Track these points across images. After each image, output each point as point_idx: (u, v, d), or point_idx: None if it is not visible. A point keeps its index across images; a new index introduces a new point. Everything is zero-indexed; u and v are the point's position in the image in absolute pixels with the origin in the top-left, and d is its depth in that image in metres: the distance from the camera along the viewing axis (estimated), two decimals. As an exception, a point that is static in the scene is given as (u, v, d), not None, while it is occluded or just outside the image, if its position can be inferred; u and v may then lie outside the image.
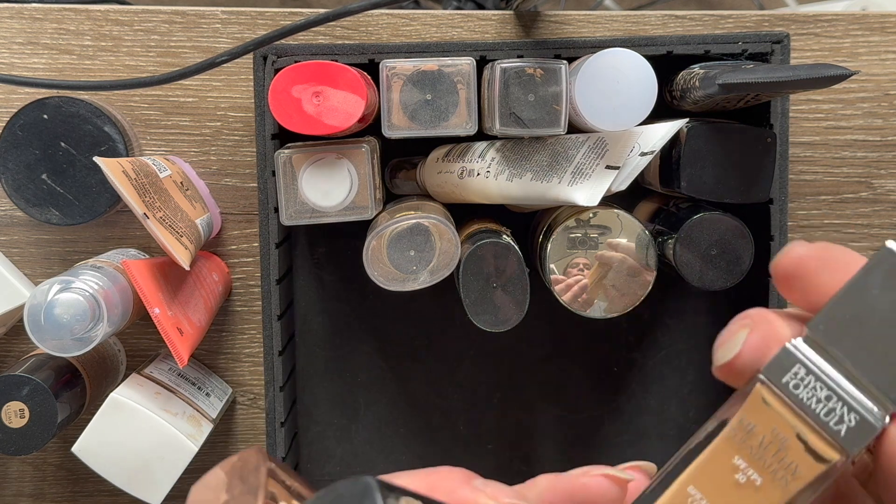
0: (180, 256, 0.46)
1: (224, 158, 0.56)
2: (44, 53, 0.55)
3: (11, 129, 0.50)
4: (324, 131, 0.44)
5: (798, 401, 0.23)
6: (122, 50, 0.55)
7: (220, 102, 0.55)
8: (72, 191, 0.51)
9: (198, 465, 0.54)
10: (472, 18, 0.55)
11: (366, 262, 0.45)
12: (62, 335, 0.45)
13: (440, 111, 0.46)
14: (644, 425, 0.59)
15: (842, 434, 0.23)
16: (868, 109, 0.57)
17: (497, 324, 0.47)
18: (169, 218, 0.47)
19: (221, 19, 0.55)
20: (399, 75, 0.45)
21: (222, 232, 0.57)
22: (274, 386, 0.51)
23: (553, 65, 0.45)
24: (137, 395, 0.49)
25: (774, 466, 0.23)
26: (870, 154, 0.57)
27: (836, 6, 0.66)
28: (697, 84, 0.47)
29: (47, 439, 0.48)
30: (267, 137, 0.49)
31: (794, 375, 0.23)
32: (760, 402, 0.23)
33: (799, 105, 0.56)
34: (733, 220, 0.48)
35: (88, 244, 0.56)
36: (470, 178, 0.48)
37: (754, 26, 0.55)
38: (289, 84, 0.44)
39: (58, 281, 0.46)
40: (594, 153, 0.46)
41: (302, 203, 0.47)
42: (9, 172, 0.51)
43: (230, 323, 0.57)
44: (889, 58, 0.57)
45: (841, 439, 0.23)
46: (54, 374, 0.49)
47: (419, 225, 0.45)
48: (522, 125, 0.45)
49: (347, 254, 0.56)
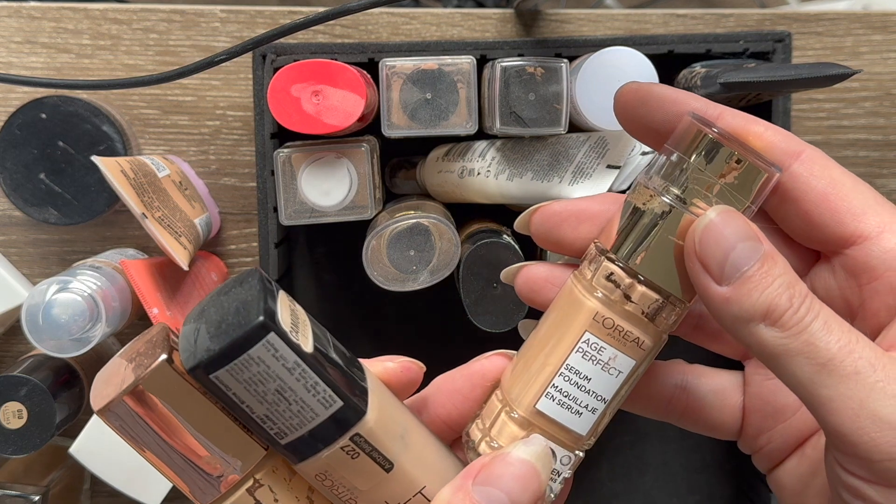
0: (179, 256, 0.46)
1: (223, 158, 0.56)
2: (42, 52, 0.54)
3: (9, 128, 0.50)
4: (323, 130, 0.44)
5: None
6: (121, 49, 0.54)
7: (218, 101, 0.55)
8: (70, 190, 0.51)
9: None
10: (473, 17, 0.55)
11: (365, 262, 0.45)
12: (60, 335, 0.45)
13: (440, 110, 0.45)
14: (644, 425, 0.59)
15: None
16: (870, 108, 0.57)
17: (497, 324, 0.47)
18: (167, 218, 0.47)
19: (220, 18, 0.54)
20: (399, 74, 0.45)
21: (221, 232, 0.56)
22: (273, 386, 0.51)
23: (554, 64, 0.44)
24: (136, 396, 0.49)
25: None
26: (872, 153, 0.57)
27: (838, 5, 0.66)
28: (699, 83, 0.46)
29: (46, 440, 0.47)
30: (266, 137, 0.49)
31: None
32: None
33: (801, 104, 0.56)
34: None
35: (87, 244, 0.56)
36: (470, 178, 0.48)
37: (756, 25, 0.55)
38: (288, 83, 0.44)
39: (56, 281, 0.45)
40: (595, 152, 0.46)
41: (301, 203, 0.46)
42: (7, 172, 0.50)
43: (229, 323, 0.57)
44: (891, 56, 0.56)
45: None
46: (52, 374, 0.49)
47: (419, 225, 0.45)
48: (523, 124, 0.45)
49: (347, 254, 0.55)
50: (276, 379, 0.24)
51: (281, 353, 0.24)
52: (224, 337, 0.24)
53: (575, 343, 0.27)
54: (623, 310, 0.26)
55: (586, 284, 0.27)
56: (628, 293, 0.26)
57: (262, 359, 0.24)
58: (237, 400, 0.24)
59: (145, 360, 0.25)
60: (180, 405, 0.25)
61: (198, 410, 0.25)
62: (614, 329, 0.26)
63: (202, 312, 0.25)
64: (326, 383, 0.25)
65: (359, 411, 0.26)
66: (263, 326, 0.23)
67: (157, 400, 0.25)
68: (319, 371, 0.25)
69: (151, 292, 0.46)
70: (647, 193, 0.26)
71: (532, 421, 0.27)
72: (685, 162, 0.26)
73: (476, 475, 0.26)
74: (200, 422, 0.25)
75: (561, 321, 0.27)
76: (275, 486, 0.26)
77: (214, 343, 0.24)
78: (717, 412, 0.31)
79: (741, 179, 0.25)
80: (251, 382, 0.24)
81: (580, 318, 0.27)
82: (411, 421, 0.28)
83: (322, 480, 0.26)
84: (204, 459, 0.26)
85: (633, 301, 0.26)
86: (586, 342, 0.27)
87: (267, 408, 0.24)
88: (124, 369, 0.26)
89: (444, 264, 0.45)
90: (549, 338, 0.28)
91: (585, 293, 0.27)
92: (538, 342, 0.28)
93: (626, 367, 0.27)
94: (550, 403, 0.27)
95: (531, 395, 0.27)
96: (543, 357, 0.27)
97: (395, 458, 0.26)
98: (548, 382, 0.27)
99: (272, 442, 0.25)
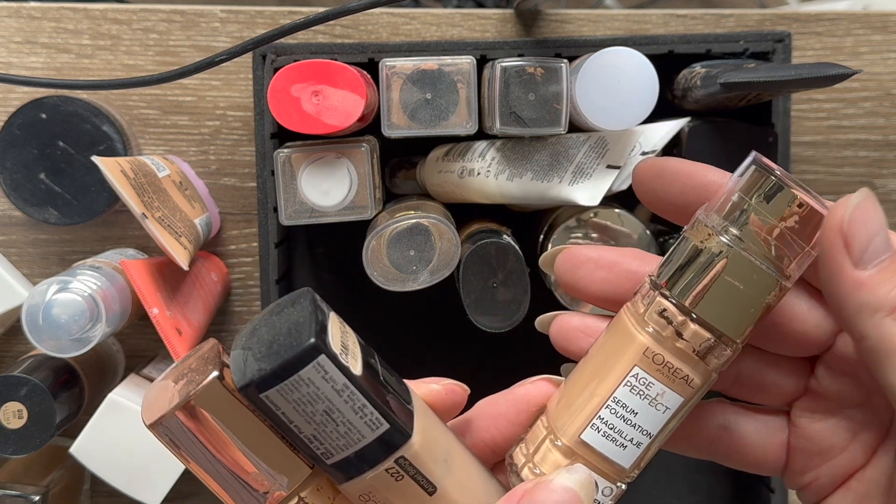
0: (179, 256, 0.46)
1: (223, 158, 0.56)
2: (42, 52, 0.54)
3: (9, 128, 0.50)
4: (323, 130, 0.44)
5: None
6: (121, 49, 0.54)
7: (218, 101, 0.55)
8: (70, 190, 0.51)
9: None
10: (473, 17, 0.55)
11: (365, 262, 0.45)
12: (60, 335, 0.45)
13: (440, 110, 0.45)
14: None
15: None
16: (870, 109, 0.57)
17: (497, 324, 0.47)
18: (168, 218, 0.47)
19: (220, 18, 0.54)
20: (399, 74, 0.45)
21: (221, 232, 0.56)
22: (273, 386, 0.51)
23: (554, 64, 0.44)
24: (136, 396, 0.49)
25: None
26: (872, 153, 0.57)
27: (838, 5, 0.66)
28: (699, 83, 0.46)
29: (46, 440, 0.47)
30: (266, 137, 0.49)
31: None
32: None
33: (801, 104, 0.56)
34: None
35: (87, 244, 0.56)
36: (470, 178, 0.48)
37: (756, 25, 0.55)
38: (288, 83, 0.44)
39: (56, 281, 0.45)
40: (595, 152, 0.46)
41: (301, 203, 0.46)
42: (7, 172, 0.50)
43: (229, 323, 0.57)
44: (891, 57, 0.56)
45: None
46: (52, 374, 0.49)
47: (419, 225, 0.45)
48: (523, 124, 0.45)
49: (347, 254, 0.55)
50: (325, 400, 0.24)
51: (330, 375, 0.24)
52: (275, 357, 0.24)
53: (624, 376, 0.27)
54: (674, 346, 0.26)
55: (638, 318, 0.27)
56: (680, 330, 0.26)
57: (312, 380, 0.24)
58: (286, 419, 0.25)
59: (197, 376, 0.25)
60: (230, 421, 0.25)
61: (247, 427, 0.25)
62: (664, 365, 0.26)
63: (253, 332, 0.26)
64: (374, 406, 0.25)
65: (404, 434, 0.26)
66: (315, 348, 0.24)
67: (208, 415, 0.25)
68: (367, 394, 0.25)
69: (151, 292, 0.46)
70: (705, 231, 0.26)
71: (576, 451, 0.27)
72: (745, 203, 0.26)
73: (518, 500, 0.26)
74: (249, 438, 0.25)
75: (611, 353, 0.27)
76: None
77: (265, 363, 0.24)
78: (761, 451, 0.31)
79: (802, 224, 0.25)
80: (300, 403, 0.24)
81: (630, 352, 0.27)
82: (455, 444, 0.28)
83: (365, 501, 0.26)
84: (251, 476, 0.26)
85: (685, 339, 0.26)
86: (635, 376, 0.27)
87: (315, 428, 0.25)
88: (175, 385, 0.26)
89: (444, 264, 0.45)
90: (598, 369, 0.28)
91: (637, 327, 0.27)
92: (587, 372, 0.28)
93: (674, 403, 0.27)
94: (596, 435, 0.27)
95: (577, 425, 0.27)
96: (592, 388, 0.27)
97: (439, 482, 0.27)
98: (594, 414, 0.27)
99: (318, 461, 0.26)
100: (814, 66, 0.41)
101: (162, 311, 0.46)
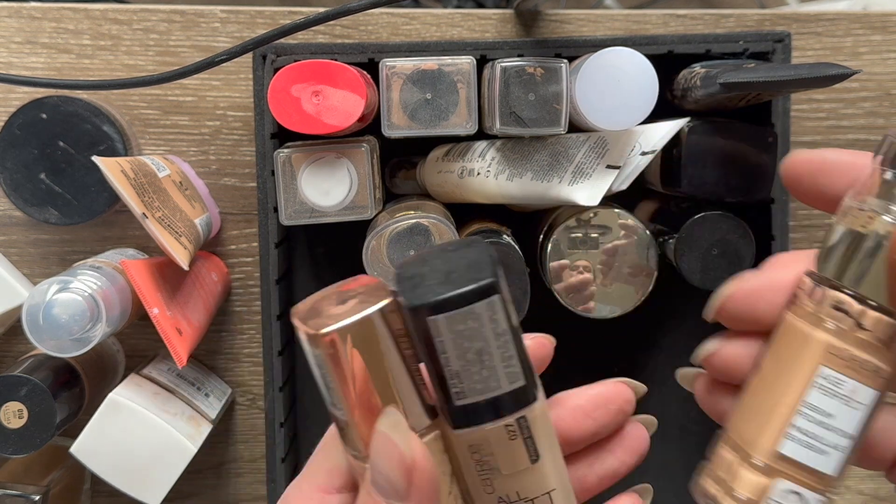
0: (179, 256, 0.46)
1: (223, 158, 0.56)
2: (42, 52, 0.54)
3: (10, 128, 0.50)
4: (323, 130, 0.44)
5: None
6: (121, 49, 0.55)
7: (219, 102, 0.55)
8: (70, 190, 0.51)
9: (197, 465, 0.54)
10: (472, 17, 0.55)
11: (366, 262, 0.45)
12: (61, 335, 0.45)
13: (440, 110, 0.45)
14: (645, 426, 0.58)
15: None
16: (870, 109, 0.57)
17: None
18: (168, 218, 0.47)
19: (220, 18, 0.54)
20: (399, 74, 0.45)
21: (221, 232, 0.56)
22: (273, 386, 0.51)
23: (553, 64, 0.44)
24: (136, 396, 0.49)
25: None
26: (871, 153, 0.57)
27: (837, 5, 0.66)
28: (699, 83, 0.47)
29: (46, 440, 0.47)
30: (266, 137, 0.49)
31: None
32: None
33: (800, 104, 0.56)
34: (734, 220, 0.48)
35: (87, 244, 0.56)
36: (470, 178, 0.48)
37: (755, 25, 0.55)
38: (288, 83, 0.44)
39: (56, 281, 0.45)
40: (595, 152, 0.46)
41: (301, 203, 0.46)
42: (7, 172, 0.50)
43: (229, 323, 0.57)
44: (890, 57, 0.56)
45: None
46: (53, 374, 0.49)
47: (419, 225, 0.45)
48: (523, 124, 0.45)
49: (347, 254, 0.55)
50: (482, 340, 0.25)
51: (497, 318, 0.25)
52: (453, 286, 0.24)
53: (811, 379, 0.26)
54: (857, 338, 0.26)
55: (811, 318, 0.26)
56: (860, 321, 0.25)
57: (480, 317, 0.25)
58: (440, 349, 0.25)
59: (369, 298, 0.25)
60: (377, 352, 0.25)
61: (391, 363, 0.25)
62: (851, 360, 0.26)
63: (423, 262, 0.26)
64: (519, 359, 0.25)
65: (532, 396, 0.26)
66: (493, 287, 0.24)
67: (362, 341, 0.25)
68: (518, 346, 0.25)
69: (152, 292, 0.46)
70: (863, 216, 0.25)
71: (776, 466, 0.26)
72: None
73: None
74: (390, 374, 0.26)
75: (788, 360, 0.27)
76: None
77: (442, 289, 0.24)
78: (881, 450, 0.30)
79: None
80: (460, 336, 0.25)
81: (812, 353, 0.26)
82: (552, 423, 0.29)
83: (473, 452, 0.27)
84: (376, 411, 0.26)
85: (867, 328, 0.25)
86: (824, 377, 0.26)
87: (462, 365, 0.25)
88: (342, 305, 0.26)
89: (444, 264, 0.45)
90: (776, 378, 0.27)
91: (813, 326, 0.26)
92: (765, 385, 0.27)
93: (868, 398, 0.26)
94: (794, 445, 0.26)
95: (771, 440, 0.26)
96: (776, 398, 0.26)
97: (542, 453, 0.27)
98: (788, 424, 0.26)
99: (448, 400, 0.26)
100: (813, 66, 0.41)
101: (162, 311, 0.46)
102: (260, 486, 0.58)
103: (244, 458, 0.58)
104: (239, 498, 0.59)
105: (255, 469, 0.58)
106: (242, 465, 0.58)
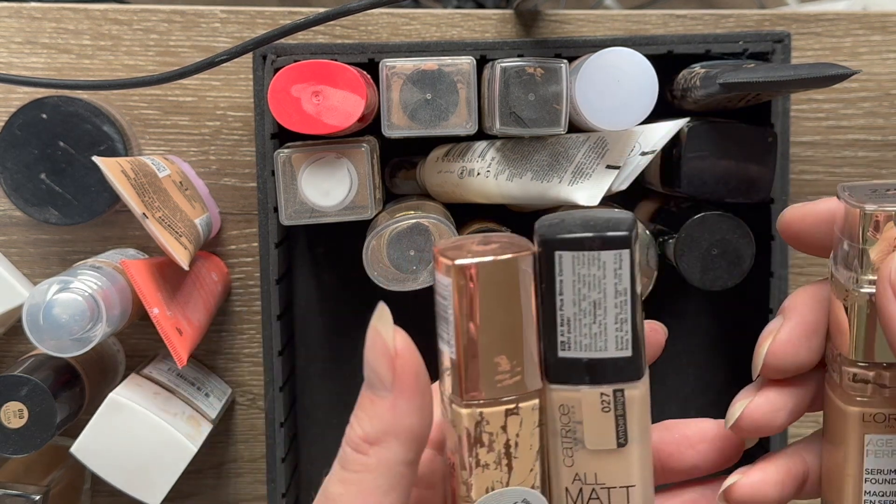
0: (179, 256, 0.46)
1: (223, 158, 0.56)
2: (42, 52, 0.54)
3: (10, 128, 0.50)
4: (323, 131, 0.44)
5: None
6: (121, 49, 0.55)
7: (219, 102, 0.55)
8: (70, 190, 0.51)
9: (197, 465, 0.54)
10: (472, 17, 0.55)
11: (366, 262, 0.45)
12: (61, 335, 0.45)
13: (440, 111, 0.45)
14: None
15: None
16: (869, 109, 0.57)
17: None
18: (168, 218, 0.47)
19: (220, 18, 0.55)
20: (399, 74, 0.45)
21: (221, 232, 0.57)
22: (274, 386, 0.51)
23: (553, 64, 0.44)
24: (136, 396, 0.49)
25: None
26: (871, 154, 0.57)
27: (837, 5, 0.66)
28: (698, 83, 0.47)
29: (46, 440, 0.47)
30: (266, 137, 0.49)
31: None
32: None
33: (800, 104, 0.56)
34: (734, 220, 0.48)
35: (87, 244, 0.56)
36: (470, 178, 0.48)
37: (755, 25, 0.55)
38: (288, 83, 0.44)
39: (56, 281, 0.45)
40: (595, 153, 0.46)
41: (301, 203, 0.46)
42: (7, 172, 0.50)
43: (229, 323, 0.57)
44: (890, 57, 0.56)
45: None
46: (53, 374, 0.49)
47: (419, 225, 0.45)
48: (523, 125, 0.45)
49: (347, 254, 0.55)
50: (602, 292, 0.25)
51: (621, 274, 0.25)
52: (587, 229, 0.25)
53: (862, 448, 0.28)
54: (884, 399, 0.27)
55: (840, 393, 0.28)
56: (881, 382, 0.27)
57: (606, 266, 0.24)
58: (558, 289, 0.25)
59: (512, 246, 0.26)
60: (508, 296, 0.25)
61: (518, 310, 0.25)
62: (888, 419, 0.27)
63: (563, 219, 0.26)
64: (632, 328, 0.25)
65: (638, 373, 0.26)
66: (627, 240, 0.25)
67: (496, 282, 0.25)
68: (635, 313, 0.25)
69: (152, 292, 0.46)
70: (843, 290, 0.27)
71: None
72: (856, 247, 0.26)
73: None
74: (515, 322, 0.25)
75: (837, 433, 0.28)
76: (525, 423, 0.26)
77: (577, 230, 0.25)
78: None
79: None
80: (581, 280, 0.25)
81: (852, 426, 0.28)
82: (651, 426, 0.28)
83: (562, 414, 0.26)
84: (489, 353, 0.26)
85: (889, 386, 0.27)
86: (871, 442, 0.27)
87: (574, 312, 0.25)
88: (485, 246, 0.26)
89: (444, 264, 0.45)
90: (836, 450, 0.28)
91: (844, 401, 0.28)
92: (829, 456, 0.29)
93: None
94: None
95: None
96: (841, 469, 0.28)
97: (632, 439, 0.26)
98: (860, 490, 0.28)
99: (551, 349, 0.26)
100: (813, 66, 0.41)
101: (162, 311, 0.46)
102: (260, 486, 0.59)
103: (244, 458, 0.58)
104: (239, 498, 0.59)
105: (255, 469, 0.58)
106: (242, 465, 0.58)
